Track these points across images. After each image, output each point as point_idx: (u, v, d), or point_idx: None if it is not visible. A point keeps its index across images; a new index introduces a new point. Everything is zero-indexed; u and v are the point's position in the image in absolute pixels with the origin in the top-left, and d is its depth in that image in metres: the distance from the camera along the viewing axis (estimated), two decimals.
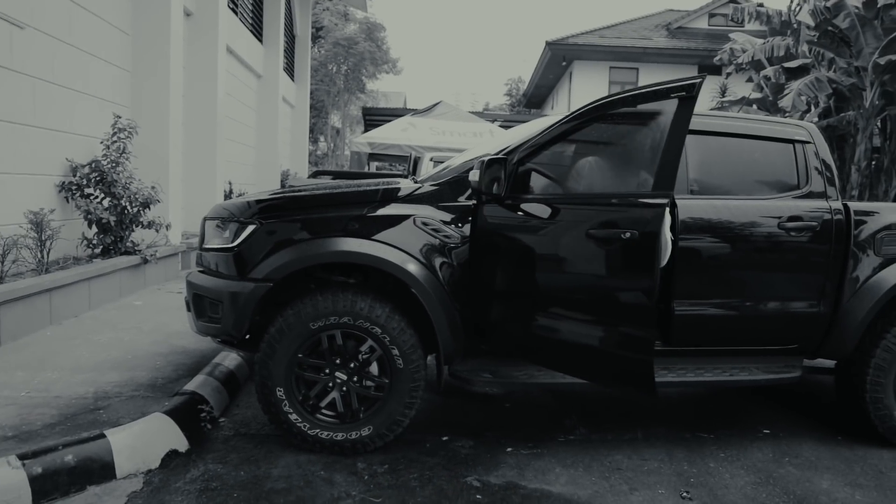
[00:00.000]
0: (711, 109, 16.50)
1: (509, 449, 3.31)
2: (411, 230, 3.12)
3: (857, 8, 10.89)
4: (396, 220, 3.13)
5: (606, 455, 3.28)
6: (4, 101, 5.04)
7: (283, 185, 13.64)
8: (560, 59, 22.62)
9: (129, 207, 6.04)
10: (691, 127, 3.50)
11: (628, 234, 2.76)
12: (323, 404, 3.13)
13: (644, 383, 2.78)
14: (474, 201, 3.20)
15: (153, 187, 6.34)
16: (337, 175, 10.69)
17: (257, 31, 13.34)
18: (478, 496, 2.80)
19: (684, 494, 2.89)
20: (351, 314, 3.03)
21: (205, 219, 3.48)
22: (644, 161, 2.90)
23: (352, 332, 3.07)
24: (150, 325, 4.97)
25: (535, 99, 29.89)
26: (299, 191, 3.59)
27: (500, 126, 13.48)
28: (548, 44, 21.71)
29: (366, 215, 3.13)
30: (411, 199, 3.22)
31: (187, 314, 3.50)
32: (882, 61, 10.62)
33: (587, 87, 22.08)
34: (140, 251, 6.28)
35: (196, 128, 8.93)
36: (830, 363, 3.79)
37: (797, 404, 4.28)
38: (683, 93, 2.77)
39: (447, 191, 3.24)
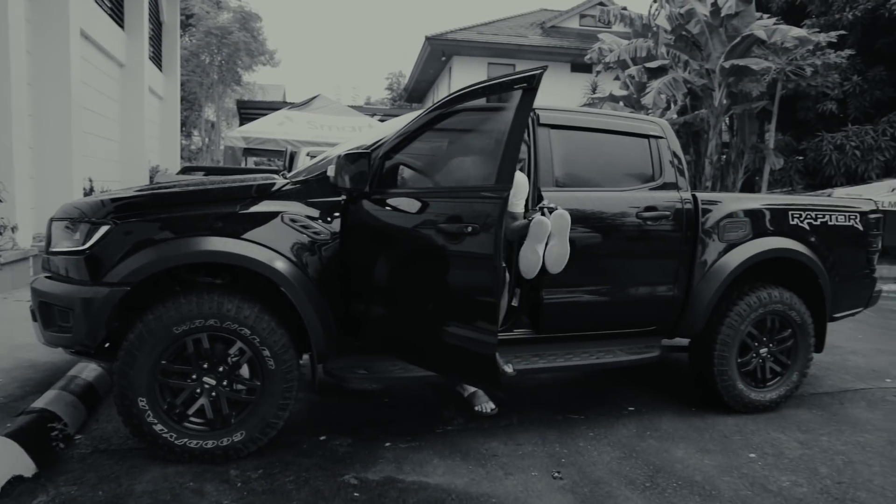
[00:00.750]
0: (582, 105, 17.35)
1: (388, 444, 3.31)
2: (279, 227, 3.02)
3: (705, 16, 11.85)
4: (264, 217, 3.02)
5: (483, 443, 3.37)
6: None
7: (152, 181, 12.81)
8: (440, 53, 22.87)
9: None
10: (557, 122, 3.69)
11: (470, 229, 2.70)
12: (191, 412, 2.97)
13: (488, 378, 2.77)
14: (344, 197, 3.16)
15: None
16: (209, 171, 10.19)
17: (118, 15, 12.39)
18: (355, 494, 2.78)
19: (556, 475, 3.03)
20: (217, 316, 2.89)
21: (52, 220, 3.18)
22: (491, 154, 2.87)
23: (219, 334, 2.94)
24: None
25: (416, 93, 30.04)
26: (161, 188, 3.38)
27: (380, 120, 13.42)
28: (427, 39, 21.87)
29: (231, 213, 3.00)
30: (279, 195, 3.12)
31: (33, 324, 3.19)
32: (727, 65, 11.65)
33: (466, 82, 22.23)
34: None
35: (47, 120, 8.16)
36: (685, 342, 4.11)
37: (658, 382, 4.61)
38: (525, 84, 2.76)
39: (316, 187, 3.17)
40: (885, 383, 4.81)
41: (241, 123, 17.82)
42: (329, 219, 3.11)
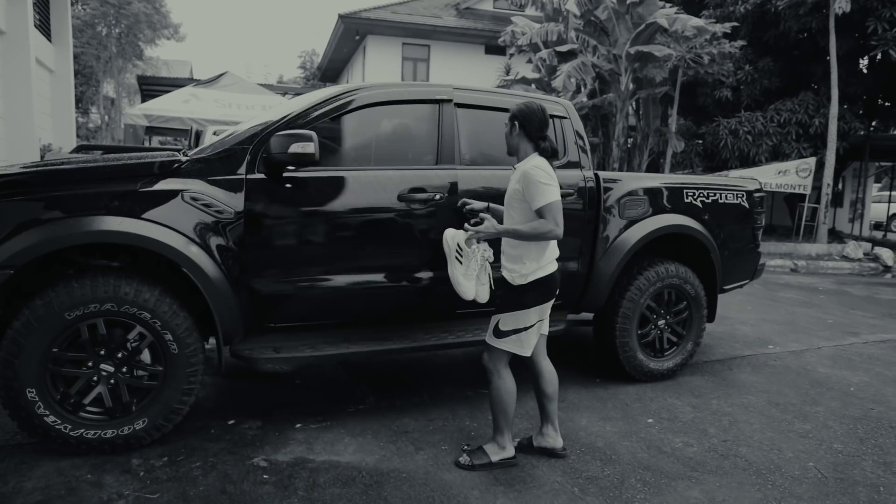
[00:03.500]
0: (496, 87, 17.55)
1: (298, 425, 3.28)
2: (180, 206, 2.91)
3: (613, 3, 12.23)
4: (163, 195, 2.90)
5: (395, 420, 3.40)
6: None
7: (41, 161, 11.92)
8: (353, 32, 22.43)
9: None
10: (464, 101, 3.73)
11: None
12: (87, 401, 2.84)
13: None
14: (245, 175, 3.07)
15: None
16: (107, 150, 9.59)
17: None
18: (265, 476, 2.75)
19: (465, 447, 3.10)
20: (114, 300, 2.76)
21: None
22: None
23: (117, 319, 2.81)
24: None
25: (329, 73, 29.35)
26: (51, 164, 3.16)
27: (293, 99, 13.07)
28: (340, 17, 21.38)
29: (128, 191, 2.86)
30: (179, 172, 2.99)
31: None
32: (632, 51, 12.10)
33: (381, 62, 22.23)
34: None
35: None
36: (589, 316, 4.28)
37: (564, 355, 4.80)
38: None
39: (218, 164, 3.06)
40: (769, 349, 5.22)
41: (144, 100, 16.85)
42: (232, 197, 3.01)
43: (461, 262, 3.01)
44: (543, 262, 2.88)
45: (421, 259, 3.44)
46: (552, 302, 2.96)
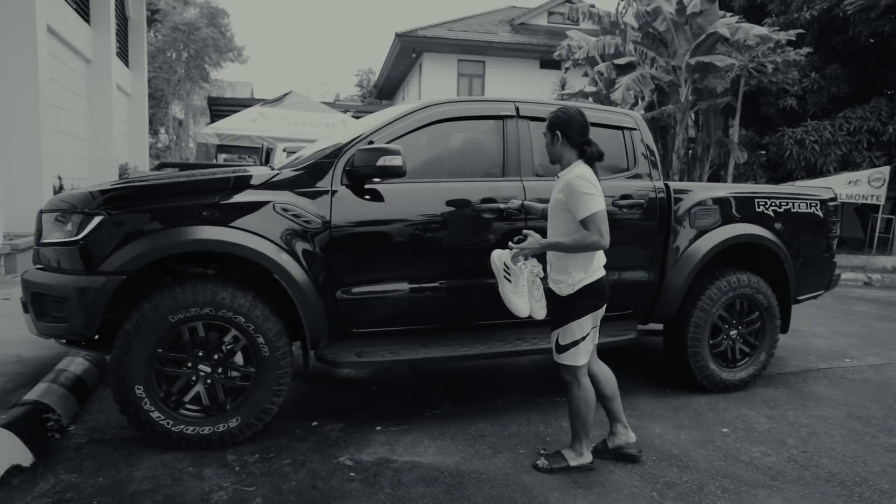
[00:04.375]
0: (553, 101, 17.56)
1: (378, 427, 3.41)
2: (271, 216, 3.10)
3: (671, 13, 12.15)
4: (256, 206, 3.10)
5: (471, 424, 3.50)
6: None
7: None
8: (410, 50, 22.91)
9: None
10: (536, 114, 3.83)
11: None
12: (187, 399, 3.04)
13: None
14: (331, 187, 3.24)
15: None
16: (184, 167, 10.10)
17: (83, 10, 12.17)
18: (351, 474, 2.88)
19: (542, 451, 3.17)
20: (212, 304, 2.96)
21: (41, 212, 3.21)
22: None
23: (214, 322, 3.01)
24: None
25: (385, 90, 30.01)
26: (146, 180, 3.42)
27: (353, 116, 13.45)
28: (397, 35, 21.89)
29: (223, 203, 3.07)
30: (269, 185, 3.19)
31: (25, 316, 3.21)
32: (692, 62, 11.97)
33: (437, 78, 22.58)
34: None
35: (14, 117, 8.03)
36: (659, 326, 4.28)
37: (634, 365, 4.80)
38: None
39: (305, 177, 3.25)
40: (845, 363, 5.07)
41: (213, 120, 17.62)
42: (319, 208, 3.18)
43: (510, 281, 2.97)
44: (590, 270, 2.89)
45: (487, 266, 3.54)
46: (604, 308, 2.99)
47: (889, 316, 7.33)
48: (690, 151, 14.11)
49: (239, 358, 3.09)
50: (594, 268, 2.91)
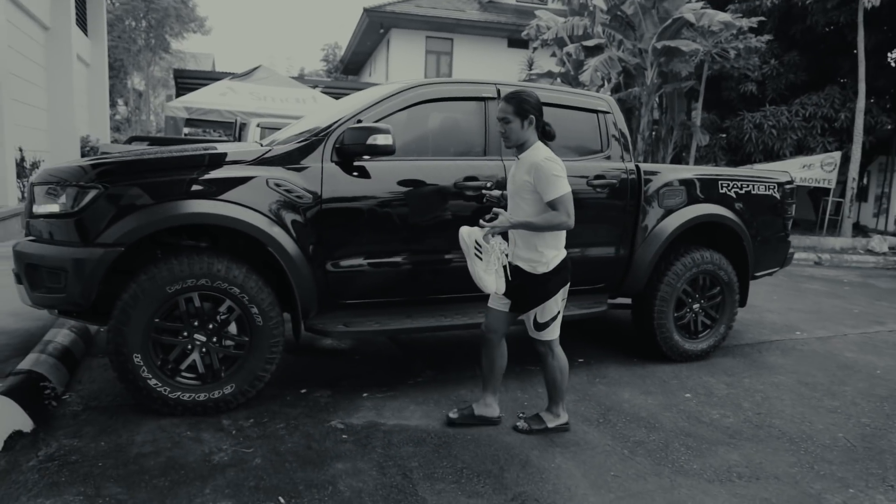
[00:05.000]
0: (521, 81, 17.72)
1: (365, 394, 3.58)
2: (265, 191, 3.21)
3: None
4: (249, 181, 3.20)
5: (453, 391, 3.69)
6: None
7: (83, 153, 12.34)
8: (378, 26, 22.70)
9: None
10: None
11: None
12: (183, 367, 3.16)
13: None
14: (322, 164, 3.36)
15: None
16: (154, 141, 9.97)
17: None
18: (343, 436, 3.05)
19: (520, 415, 3.38)
20: (208, 276, 3.07)
21: (32, 184, 3.25)
22: None
23: (209, 293, 3.12)
24: None
25: (352, 66, 29.67)
26: (137, 155, 3.47)
27: (322, 92, 13.36)
28: (365, 10, 21.66)
29: (218, 177, 3.16)
30: (261, 161, 3.29)
31: (17, 287, 3.27)
32: (659, 45, 12.25)
33: (405, 55, 22.47)
34: None
35: None
36: (628, 300, 4.54)
37: (603, 337, 5.06)
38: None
39: (296, 153, 3.36)
40: (796, 335, 5.44)
41: (179, 93, 17.25)
42: (310, 184, 3.30)
43: (481, 259, 2.95)
44: (560, 248, 3.04)
45: None
46: (568, 283, 3.13)
47: (837, 293, 7.79)
48: (654, 133, 14.48)
49: (233, 328, 3.21)
50: (562, 245, 3.06)
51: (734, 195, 4.60)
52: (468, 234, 2.94)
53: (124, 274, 3.13)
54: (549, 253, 2.99)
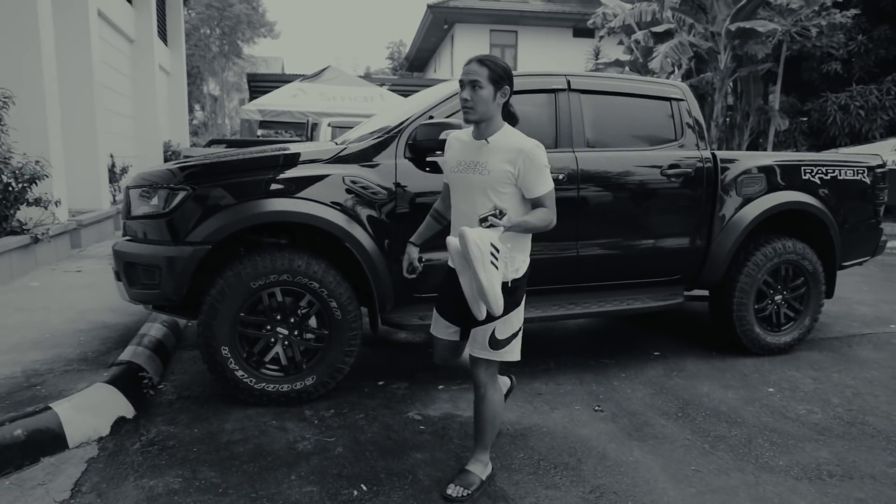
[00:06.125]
0: (588, 71, 17.42)
1: (441, 387, 3.64)
2: (342, 189, 3.31)
3: None
4: (326, 179, 3.30)
5: (527, 384, 3.70)
6: None
7: (166, 157, 13.01)
8: (442, 22, 22.83)
9: (13, 184, 5.69)
10: (586, 87, 3.95)
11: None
12: (267, 359, 3.30)
13: None
14: (395, 160, 3.44)
15: (37, 162, 5.97)
16: (231, 143, 10.40)
17: None
18: (421, 427, 3.12)
19: (596, 408, 3.37)
20: (290, 271, 3.20)
21: (128, 188, 3.47)
22: None
23: (291, 288, 3.25)
24: (59, 304, 4.81)
25: (417, 62, 29.97)
26: (219, 157, 3.65)
27: (389, 90, 13.56)
28: (429, 7, 21.82)
29: (297, 176, 3.28)
30: (338, 159, 3.40)
31: (116, 283, 3.50)
32: (732, 27, 11.78)
33: (469, 49, 22.46)
34: (29, 230, 5.94)
35: (72, 98, 8.36)
36: (704, 292, 4.42)
37: (679, 329, 4.95)
38: None
39: (370, 151, 3.45)
40: (889, 328, 5.14)
41: (252, 96, 17.91)
42: (385, 180, 3.38)
43: (497, 268, 2.26)
44: (528, 252, 2.53)
45: (548, 233, 3.69)
46: None
47: None
48: (729, 119, 13.95)
49: (313, 321, 3.33)
50: (528, 251, 2.55)
51: (818, 181, 4.39)
52: (481, 239, 2.21)
53: (209, 271, 3.30)
54: (520, 258, 2.47)
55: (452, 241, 2.29)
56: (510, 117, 2.49)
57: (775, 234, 4.32)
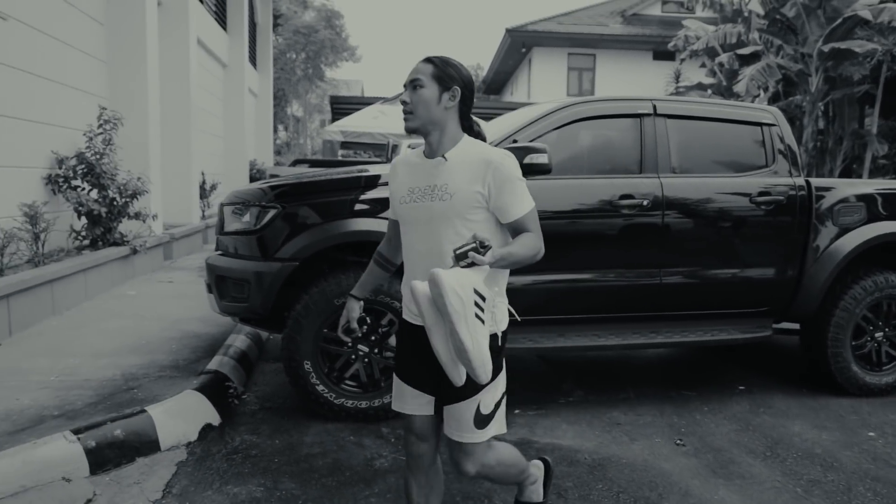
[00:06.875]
0: (668, 94, 17.07)
1: (517, 411, 3.61)
2: None
3: None
4: None
5: (605, 413, 3.62)
6: None
7: (251, 175, 13.62)
8: (520, 45, 22.97)
9: (117, 199, 6.09)
10: (672, 112, 3.87)
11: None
12: (347, 375, 3.37)
13: None
14: None
15: (139, 178, 6.38)
16: (314, 163, 10.78)
17: (221, 18, 13.24)
18: None
19: (678, 442, 3.25)
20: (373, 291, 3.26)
21: (222, 205, 3.66)
22: None
23: (372, 306, 3.31)
24: (152, 312, 5.09)
25: (494, 85, 30.22)
26: (307, 177, 3.79)
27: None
28: (507, 31, 22.02)
29: (378, 198, 3.36)
30: None
31: (208, 296, 3.67)
32: (826, 48, 11.28)
33: (546, 73, 22.51)
34: (129, 242, 6.34)
35: (171, 120, 8.92)
36: (795, 326, 4.19)
37: (765, 364, 4.71)
38: None
39: None
40: None
41: (334, 118, 18.55)
42: None
43: (483, 320, 1.68)
44: (505, 295, 1.99)
45: (630, 260, 3.65)
46: None
47: None
48: (819, 144, 13.29)
49: (393, 340, 3.38)
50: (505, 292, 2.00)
51: None
52: (459, 284, 1.63)
53: (294, 286, 3.41)
54: (501, 303, 1.94)
55: (419, 287, 1.69)
56: (471, 134, 1.99)
57: (876, 266, 4.06)
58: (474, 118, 1.99)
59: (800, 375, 4.38)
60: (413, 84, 1.93)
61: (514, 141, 3.50)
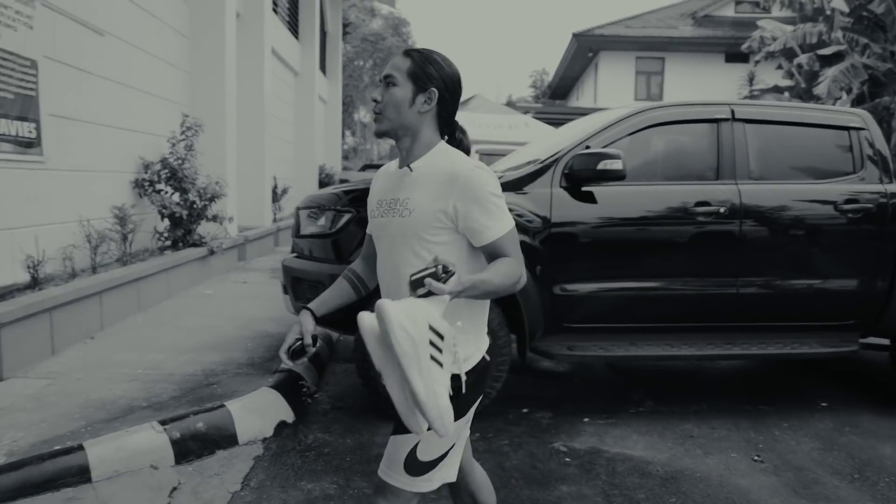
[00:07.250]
0: (743, 98, 16.50)
1: (586, 419, 3.56)
2: None
3: None
4: None
5: (677, 424, 3.53)
6: (89, 103, 5.38)
7: (320, 180, 13.98)
8: (586, 50, 22.70)
9: (197, 202, 6.38)
10: (752, 117, 3.75)
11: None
12: None
13: None
14: (551, 189, 3.45)
15: (217, 182, 6.66)
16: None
17: (293, 27, 13.66)
18: (566, 459, 3.07)
19: (756, 458, 3.13)
20: None
21: (298, 208, 3.78)
22: None
23: None
24: (229, 312, 5.30)
25: (559, 90, 29.95)
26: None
27: (534, 118, 13.66)
28: (574, 35, 21.79)
29: None
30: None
31: (283, 297, 3.80)
32: None
33: (614, 77, 22.14)
34: (206, 243, 6.62)
35: (246, 126, 9.27)
36: (884, 341, 3.97)
37: (849, 380, 4.48)
38: None
39: (526, 179, 3.49)
40: None
41: None
42: (540, 209, 3.40)
43: (440, 363, 1.34)
44: (483, 333, 1.69)
45: (705, 268, 3.55)
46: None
47: None
48: None
49: None
50: (485, 330, 1.71)
51: None
52: (410, 319, 1.29)
53: None
54: (472, 340, 1.63)
55: (366, 321, 1.34)
56: (455, 144, 1.69)
57: None
58: (458, 124, 1.70)
59: (889, 393, 4.14)
60: (386, 80, 1.65)
61: (587, 147, 3.47)
